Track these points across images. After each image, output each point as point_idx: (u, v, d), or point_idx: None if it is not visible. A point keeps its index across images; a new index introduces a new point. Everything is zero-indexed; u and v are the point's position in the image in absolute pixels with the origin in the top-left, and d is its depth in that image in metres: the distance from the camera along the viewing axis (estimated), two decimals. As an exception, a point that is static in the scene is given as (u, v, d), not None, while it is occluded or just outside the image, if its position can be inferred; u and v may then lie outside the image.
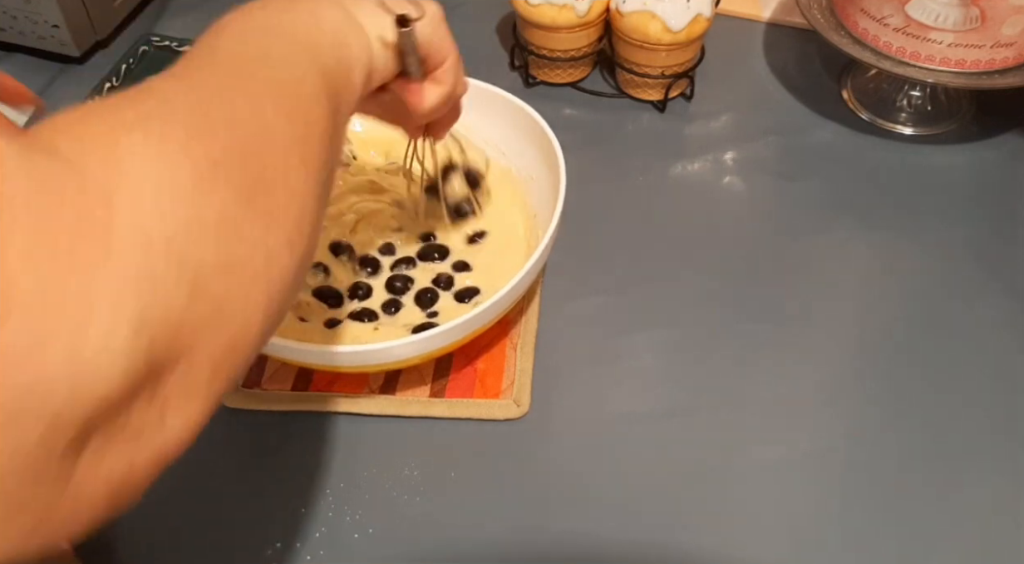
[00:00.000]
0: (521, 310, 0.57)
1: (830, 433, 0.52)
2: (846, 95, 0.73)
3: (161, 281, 0.20)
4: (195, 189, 0.22)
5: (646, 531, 0.48)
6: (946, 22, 0.62)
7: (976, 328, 0.57)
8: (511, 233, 0.58)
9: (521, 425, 0.52)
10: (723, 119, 0.72)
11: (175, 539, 0.49)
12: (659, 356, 0.56)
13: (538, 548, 0.48)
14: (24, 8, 0.72)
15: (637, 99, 0.73)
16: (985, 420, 0.52)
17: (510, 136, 0.59)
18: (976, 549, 0.47)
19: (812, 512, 0.49)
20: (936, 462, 0.51)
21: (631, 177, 0.67)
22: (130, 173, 0.21)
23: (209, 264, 0.22)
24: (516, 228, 0.58)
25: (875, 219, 0.64)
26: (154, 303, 0.20)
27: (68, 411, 0.18)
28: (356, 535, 0.48)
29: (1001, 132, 0.70)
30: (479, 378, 0.54)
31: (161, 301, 0.20)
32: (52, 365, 0.18)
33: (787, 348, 0.56)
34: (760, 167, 0.68)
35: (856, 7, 0.67)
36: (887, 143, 0.70)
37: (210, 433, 0.54)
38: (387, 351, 0.46)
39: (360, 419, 0.53)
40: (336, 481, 0.50)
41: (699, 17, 0.66)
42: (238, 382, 0.26)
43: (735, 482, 0.50)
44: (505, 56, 0.77)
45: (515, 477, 0.50)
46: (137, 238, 0.20)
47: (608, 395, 0.54)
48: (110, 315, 0.19)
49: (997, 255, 0.61)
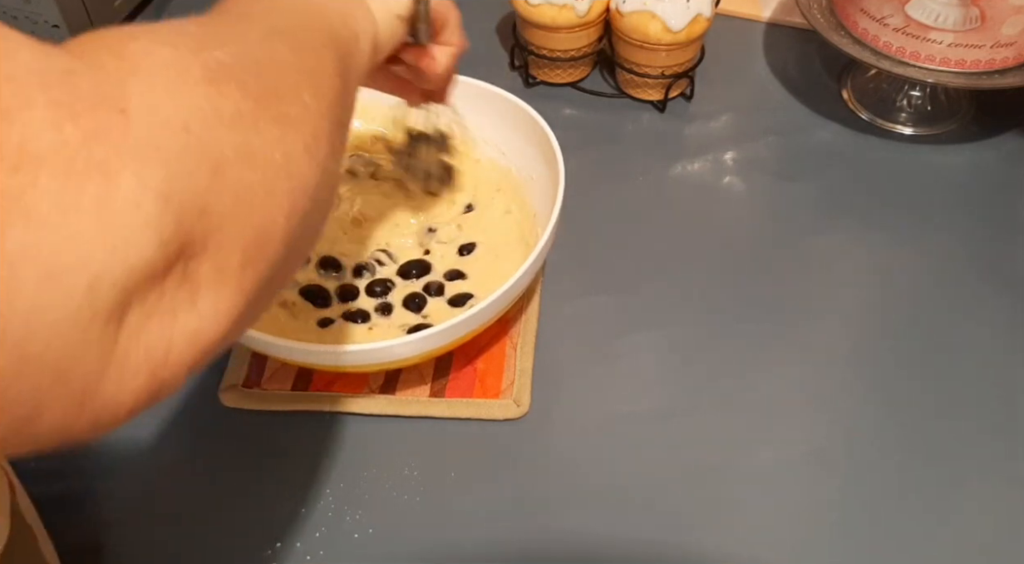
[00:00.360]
0: (521, 310, 0.57)
1: (829, 433, 0.52)
2: (846, 95, 0.73)
3: (181, 159, 0.21)
4: (208, 84, 0.23)
5: (646, 531, 0.48)
6: (946, 22, 0.62)
7: (975, 328, 0.57)
8: (504, 242, 0.58)
9: (521, 425, 0.52)
10: (723, 119, 0.72)
11: (175, 539, 0.49)
12: (659, 356, 0.56)
13: (538, 548, 0.48)
14: (24, 8, 0.72)
15: (637, 99, 0.73)
16: (984, 420, 0.52)
17: (510, 136, 0.59)
18: (975, 549, 0.47)
19: (811, 512, 0.49)
20: (935, 462, 0.51)
21: (631, 177, 0.67)
22: (142, 66, 0.22)
23: (228, 151, 0.23)
24: (509, 236, 0.58)
25: (875, 219, 0.64)
26: (177, 178, 0.21)
27: (107, 274, 0.19)
28: (356, 535, 0.48)
29: (1001, 132, 0.70)
30: (479, 378, 0.54)
31: (184, 178, 0.21)
32: (86, 226, 0.19)
33: (787, 348, 0.56)
34: (760, 167, 0.68)
35: (856, 7, 0.67)
36: (887, 143, 0.70)
37: (210, 433, 0.54)
38: (387, 350, 0.46)
39: (360, 419, 0.53)
40: (336, 481, 0.50)
41: (699, 17, 0.66)
42: (273, 288, 0.26)
43: (735, 482, 0.50)
44: (505, 56, 0.77)
45: (515, 477, 0.50)
46: (153, 117, 0.21)
47: (608, 395, 0.54)
48: (135, 184, 0.20)
49: (997, 255, 0.61)
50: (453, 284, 0.56)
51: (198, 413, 0.53)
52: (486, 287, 0.55)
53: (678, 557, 0.47)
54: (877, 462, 0.51)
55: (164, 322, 0.21)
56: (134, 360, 0.21)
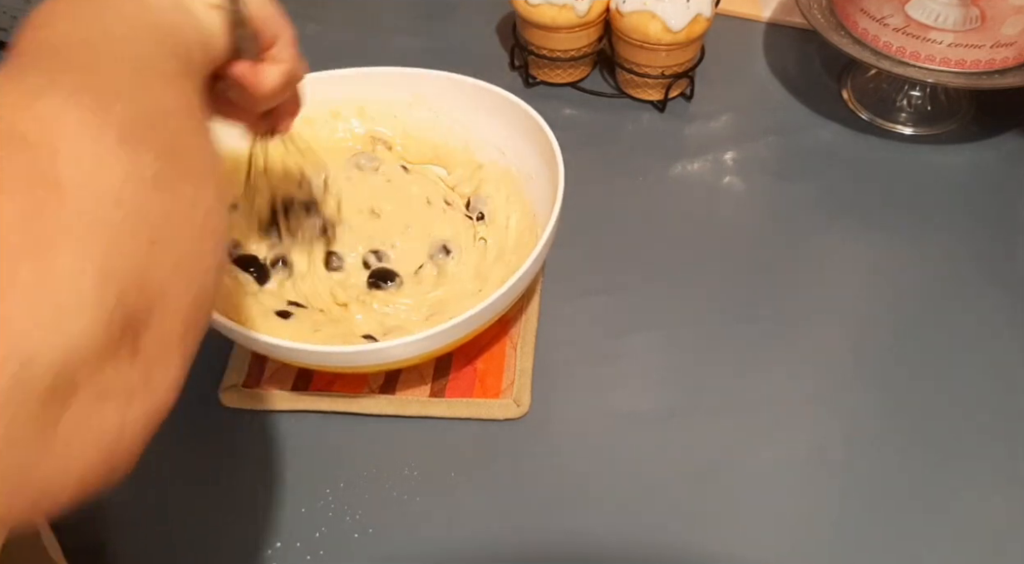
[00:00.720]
0: (521, 310, 0.57)
1: (829, 433, 0.52)
2: (846, 95, 0.73)
3: (119, 233, 0.21)
4: (123, 147, 0.22)
5: (646, 531, 0.48)
6: (946, 22, 0.62)
7: (975, 328, 0.57)
8: (503, 242, 0.58)
9: (521, 425, 0.52)
10: (723, 119, 0.72)
11: (174, 539, 0.49)
12: (659, 356, 0.56)
13: (538, 548, 0.48)
14: (25, 8, 0.72)
15: (637, 99, 0.73)
16: (984, 420, 0.52)
17: (510, 136, 0.59)
18: (976, 549, 0.47)
19: (811, 512, 0.49)
20: (935, 462, 0.51)
21: (631, 177, 0.67)
22: (65, 132, 0.21)
23: (158, 216, 0.22)
24: (508, 239, 0.58)
25: (875, 219, 0.64)
26: (116, 254, 0.20)
27: (42, 355, 0.18)
28: (356, 535, 0.48)
29: (1001, 132, 0.70)
30: (479, 378, 0.54)
31: (123, 253, 0.20)
32: (19, 306, 0.18)
33: (787, 348, 0.56)
34: (760, 167, 0.68)
35: (856, 7, 0.67)
36: (887, 143, 0.70)
37: (210, 433, 0.54)
38: (387, 351, 0.46)
39: (360, 419, 0.53)
40: (336, 481, 0.50)
41: (699, 17, 0.66)
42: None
43: (735, 482, 0.50)
44: (505, 56, 0.77)
45: (515, 477, 0.50)
46: (87, 191, 0.20)
47: (608, 395, 0.54)
48: (73, 262, 0.19)
49: (996, 255, 0.61)
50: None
51: (198, 413, 0.53)
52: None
53: (678, 557, 0.47)
54: (877, 462, 0.51)
55: (120, 402, 0.21)
56: (80, 442, 0.20)
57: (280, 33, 0.40)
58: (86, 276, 0.19)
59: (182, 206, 0.23)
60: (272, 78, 0.40)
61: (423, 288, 0.55)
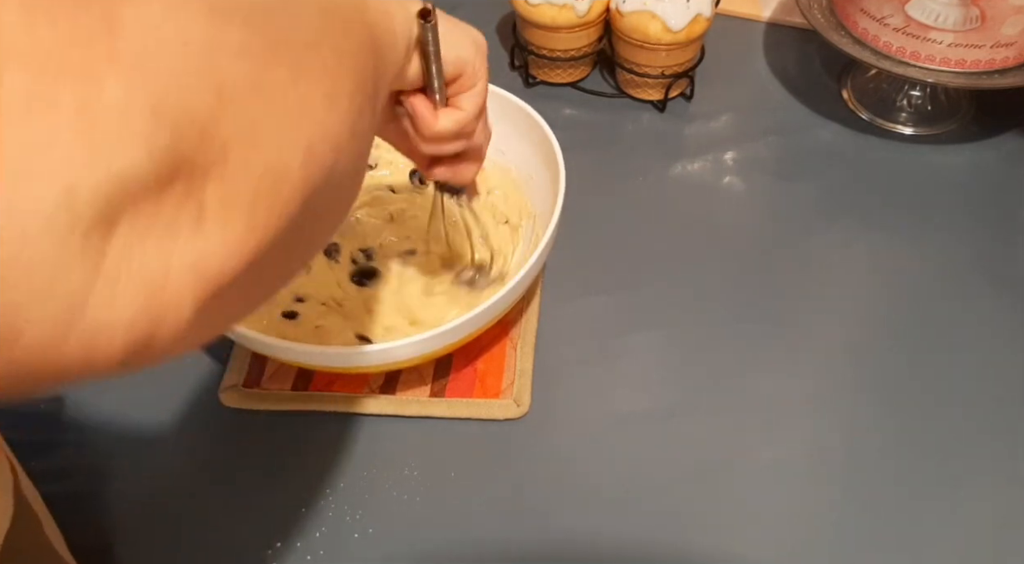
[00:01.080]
0: (521, 310, 0.57)
1: (829, 433, 0.52)
2: (846, 95, 0.73)
3: (179, 75, 0.19)
4: (211, 14, 0.21)
5: (646, 531, 0.48)
6: (946, 22, 0.62)
7: (975, 328, 0.57)
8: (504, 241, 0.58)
9: (521, 425, 0.52)
10: (723, 119, 0.72)
11: (175, 539, 0.49)
12: (659, 356, 0.56)
13: (538, 548, 0.48)
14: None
15: (637, 99, 0.73)
16: (984, 420, 0.52)
17: (510, 136, 0.59)
18: (976, 548, 0.47)
19: (811, 512, 0.49)
20: (935, 462, 0.51)
21: (631, 177, 0.67)
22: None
23: (235, 78, 0.21)
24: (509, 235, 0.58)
25: (875, 219, 0.64)
26: (173, 93, 0.19)
27: (87, 179, 0.17)
28: (356, 535, 0.48)
29: (1001, 132, 0.70)
30: (479, 378, 0.54)
31: (181, 95, 0.19)
32: (62, 128, 0.17)
33: (787, 348, 0.56)
34: (760, 167, 0.68)
35: (856, 7, 0.67)
36: (887, 143, 0.70)
37: (210, 433, 0.54)
38: (387, 352, 0.46)
39: (360, 419, 0.53)
40: (336, 481, 0.50)
41: (699, 17, 0.66)
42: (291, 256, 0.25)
43: (735, 482, 0.50)
44: (505, 56, 0.77)
45: (515, 477, 0.50)
46: (148, 29, 0.19)
47: (608, 395, 0.54)
48: (121, 92, 0.18)
49: (997, 254, 0.61)
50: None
51: (198, 413, 0.53)
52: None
53: (678, 557, 0.47)
54: (877, 462, 0.51)
55: (162, 242, 0.19)
56: (126, 279, 0.19)
57: (471, 84, 0.40)
58: (135, 108, 0.18)
59: (270, 80, 0.22)
60: (444, 121, 0.39)
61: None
